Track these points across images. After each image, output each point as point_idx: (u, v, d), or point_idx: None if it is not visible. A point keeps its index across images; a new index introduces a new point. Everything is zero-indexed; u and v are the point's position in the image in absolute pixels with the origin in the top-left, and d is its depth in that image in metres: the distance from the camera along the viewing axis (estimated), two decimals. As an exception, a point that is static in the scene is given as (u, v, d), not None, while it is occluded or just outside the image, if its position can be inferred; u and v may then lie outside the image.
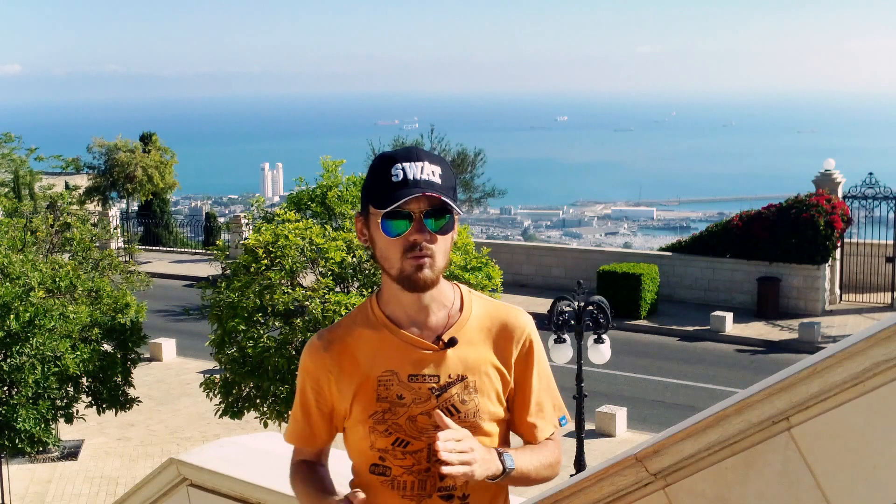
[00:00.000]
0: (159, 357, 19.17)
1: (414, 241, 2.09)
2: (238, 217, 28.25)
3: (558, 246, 30.43)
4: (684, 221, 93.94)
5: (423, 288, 2.14)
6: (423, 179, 2.08)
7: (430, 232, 2.10)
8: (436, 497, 2.20)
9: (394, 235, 2.10)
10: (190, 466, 4.38)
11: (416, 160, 2.11)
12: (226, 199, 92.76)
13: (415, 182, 2.08)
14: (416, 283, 2.12)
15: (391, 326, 2.21)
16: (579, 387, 11.58)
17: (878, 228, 22.10)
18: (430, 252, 2.11)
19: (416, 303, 2.18)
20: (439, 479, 2.18)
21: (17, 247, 12.73)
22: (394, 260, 2.12)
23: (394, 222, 2.09)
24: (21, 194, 27.20)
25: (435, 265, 2.12)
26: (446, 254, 2.16)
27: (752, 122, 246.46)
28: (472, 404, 2.18)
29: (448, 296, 2.24)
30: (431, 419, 2.15)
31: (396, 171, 2.09)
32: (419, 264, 2.10)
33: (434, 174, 2.11)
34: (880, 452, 2.19)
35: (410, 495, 2.19)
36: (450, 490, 2.20)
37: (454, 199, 2.14)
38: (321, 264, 10.86)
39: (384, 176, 2.10)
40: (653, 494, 2.54)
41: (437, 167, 2.13)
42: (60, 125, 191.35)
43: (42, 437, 10.70)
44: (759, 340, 19.73)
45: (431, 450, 2.16)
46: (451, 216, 2.12)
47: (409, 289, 2.14)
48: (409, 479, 2.19)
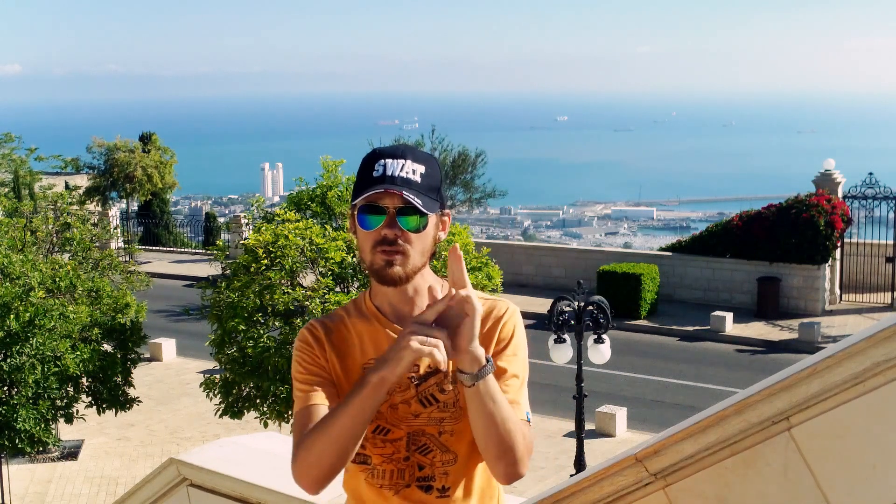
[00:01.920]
0: (159, 357, 19.17)
1: (384, 235, 2.11)
2: (238, 217, 28.25)
3: (558, 246, 30.43)
4: (684, 221, 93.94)
5: (393, 283, 2.15)
6: (400, 177, 2.10)
7: (402, 228, 2.11)
8: (414, 487, 2.21)
9: (366, 229, 2.13)
10: (190, 466, 4.39)
11: (400, 157, 2.13)
12: (226, 199, 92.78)
13: (391, 179, 2.10)
14: (384, 278, 2.14)
15: (379, 317, 2.24)
16: (579, 387, 11.58)
17: (878, 228, 22.10)
18: (401, 249, 2.12)
19: (400, 295, 2.21)
20: (418, 469, 2.20)
21: (17, 247, 12.73)
22: (366, 252, 2.16)
23: (368, 216, 2.12)
24: (21, 194, 27.19)
25: (407, 262, 2.13)
26: (424, 252, 2.16)
27: (752, 122, 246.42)
28: (451, 393, 2.20)
29: (435, 288, 2.24)
30: (411, 408, 2.18)
31: (378, 167, 2.12)
32: (389, 260, 2.12)
33: (414, 172, 2.12)
34: (880, 452, 2.19)
35: (389, 484, 2.21)
36: (429, 481, 2.21)
37: (436, 199, 2.15)
38: (321, 264, 10.86)
39: (367, 170, 2.14)
40: (653, 494, 2.55)
41: (420, 166, 2.14)
42: (60, 125, 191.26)
43: (42, 437, 10.70)
44: (759, 340, 19.73)
45: (411, 439, 2.19)
46: (426, 216, 2.13)
47: (380, 282, 2.17)
48: (388, 467, 2.21)
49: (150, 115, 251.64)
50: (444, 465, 2.22)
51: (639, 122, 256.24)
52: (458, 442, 2.21)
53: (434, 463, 2.21)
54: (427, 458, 2.21)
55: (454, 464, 2.22)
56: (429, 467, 2.21)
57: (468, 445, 2.20)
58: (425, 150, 2.56)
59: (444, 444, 2.20)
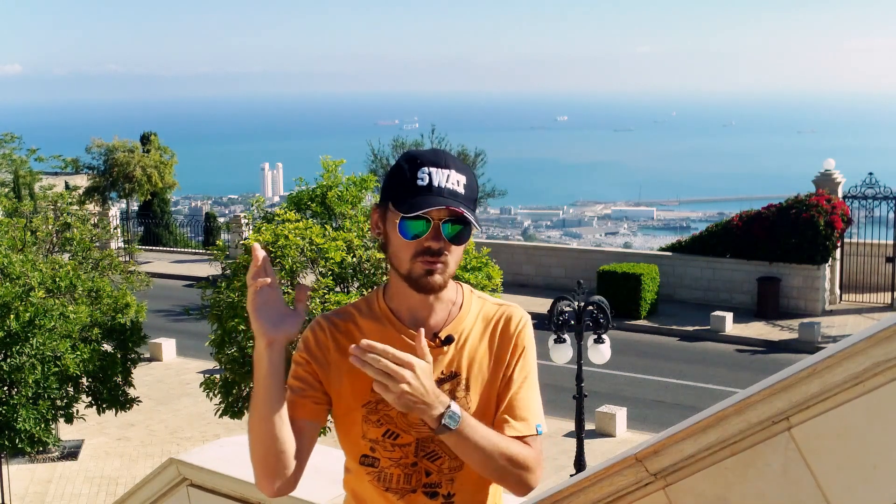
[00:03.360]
0: (159, 357, 19.17)
1: (428, 247, 2.10)
2: (238, 217, 28.24)
3: (558, 246, 30.41)
4: (684, 221, 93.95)
5: (431, 291, 2.16)
6: (448, 188, 2.09)
7: (446, 240, 2.11)
8: (420, 493, 2.20)
9: (410, 238, 2.11)
10: (190, 466, 4.39)
11: (444, 167, 2.10)
12: (226, 199, 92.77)
13: (439, 190, 2.08)
14: (424, 287, 2.14)
15: (394, 321, 2.22)
16: (579, 387, 11.58)
17: (878, 228, 22.11)
18: (444, 259, 2.12)
19: (422, 301, 2.20)
20: (425, 475, 2.19)
21: (17, 247, 12.73)
22: (404, 260, 2.13)
23: (412, 224, 2.09)
24: (21, 194, 27.20)
25: (447, 271, 2.14)
26: (458, 261, 2.18)
27: (752, 122, 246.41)
28: (464, 401, 2.19)
29: (451, 295, 2.25)
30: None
31: (422, 175, 2.09)
32: (431, 269, 2.11)
33: (459, 184, 2.11)
34: (880, 452, 2.19)
35: (395, 489, 2.20)
36: (435, 487, 2.20)
37: (474, 210, 2.15)
38: (321, 264, 10.86)
39: (409, 177, 2.10)
40: (653, 494, 2.55)
41: (462, 177, 2.13)
42: (60, 125, 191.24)
43: (42, 437, 10.70)
44: (759, 340, 19.73)
45: (419, 445, 2.18)
46: (468, 227, 2.13)
47: (416, 290, 2.16)
48: (395, 471, 2.20)
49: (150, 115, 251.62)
50: (452, 472, 2.21)
51: (639, 122, 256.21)
52: None
53: (442, 469, 2.20)
54: (435, 465, 2.20)
55: (461, 470, 2.21)
56: (436, 473, 2.20)
57: None
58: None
59: (453, 450, 2.17)
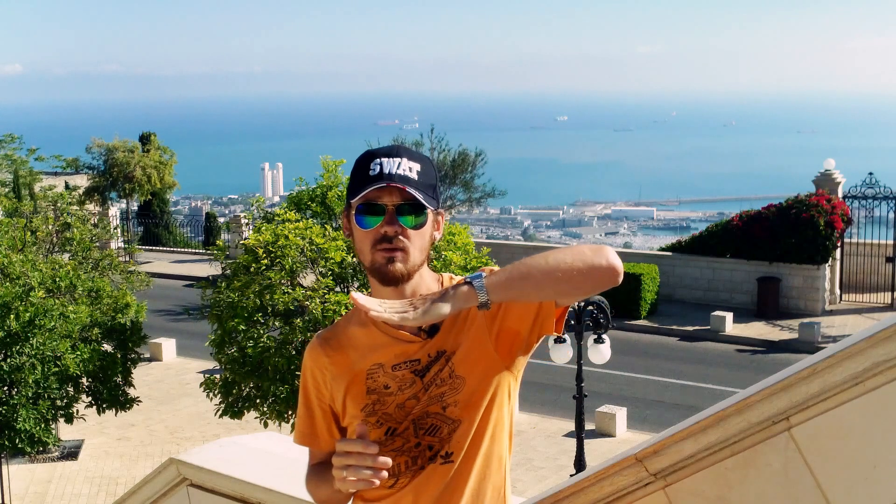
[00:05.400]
0: (159, 357, 19.17)
1: (384, 233, 2.12)
2: (238, 217, 28.25)
3: (558, 246, 30.36)
4: (684, 221, 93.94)
5: (395, 281, 2.16)
6: (398, 174, 2.12)
7: (402, 225, 2.13)
8: (427, 467, 2.20)
9: (365, 227, 2.14)
10: (190, 466, 4.39)
11: (396, 156, 2.14)
12: (226, 199, 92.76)
13: (389, 176, 2.11)
14: (386, 275, 2.14)
15: (377, 322, 2.22)
16: (579, 387, 11.58)
17: (878, 228, 22.11)
18: (401, 245, 2.13)
19: (398, 296, 2.19)
20: (428, 449, 2.19)
21: (17, 247, 12.73)
22: (366, 251, 2.16)
23: (367, 215, 2.13)
24: (21, 194, 27.21)
25: (408, 259, 2.14)
26: (423, 250, 2.18)
27: (752, 122, 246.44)
28: (447, 368, 2.19)
29: (432, 287, 2.24)
30: (420, 401, 2.17)
31: (374, 166, 2.13)
32: (390, 256, 2.13)
33: (411, 170, 2.14)
34: (880, 452, 2.19)
35: (404, 473, 2.20)
36: (436, 452, 2.19)
37: (433, 196, 2.16)
38: (321, 264, 10.86)
39: (363, 170, 2.15)
40: (653, 494, 2.54)
41: (416, 164, 2.16)
42: (60, 125, 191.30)
43: (42, 437, 10.71)
44: (759, 340, 19.73)
45: (416, 425, 2.18)
46: (425, 212, 2.15)
47: (381, 281, 2.16)
48: (401, 459, 2.20)
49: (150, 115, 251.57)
50: (451, 434, 2.21)
51: (639, 122, 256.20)
52: (464, 409, 2.19)
53: (442, 437, 2.20)
54: (436, 438, 2.20)
55: (458, 429, 2.20)
56: (438, 443, 2.20)
57: (473, 411, 2.19)
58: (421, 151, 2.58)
59: (449, 416, 2.19)
